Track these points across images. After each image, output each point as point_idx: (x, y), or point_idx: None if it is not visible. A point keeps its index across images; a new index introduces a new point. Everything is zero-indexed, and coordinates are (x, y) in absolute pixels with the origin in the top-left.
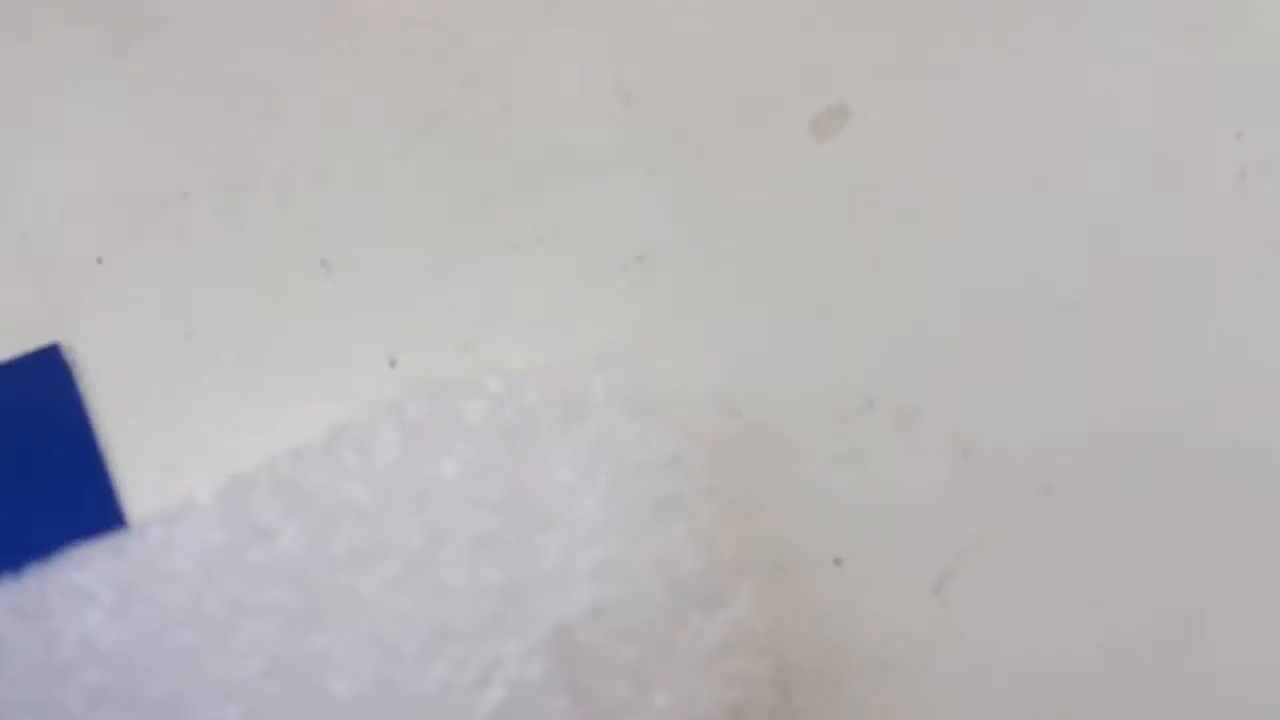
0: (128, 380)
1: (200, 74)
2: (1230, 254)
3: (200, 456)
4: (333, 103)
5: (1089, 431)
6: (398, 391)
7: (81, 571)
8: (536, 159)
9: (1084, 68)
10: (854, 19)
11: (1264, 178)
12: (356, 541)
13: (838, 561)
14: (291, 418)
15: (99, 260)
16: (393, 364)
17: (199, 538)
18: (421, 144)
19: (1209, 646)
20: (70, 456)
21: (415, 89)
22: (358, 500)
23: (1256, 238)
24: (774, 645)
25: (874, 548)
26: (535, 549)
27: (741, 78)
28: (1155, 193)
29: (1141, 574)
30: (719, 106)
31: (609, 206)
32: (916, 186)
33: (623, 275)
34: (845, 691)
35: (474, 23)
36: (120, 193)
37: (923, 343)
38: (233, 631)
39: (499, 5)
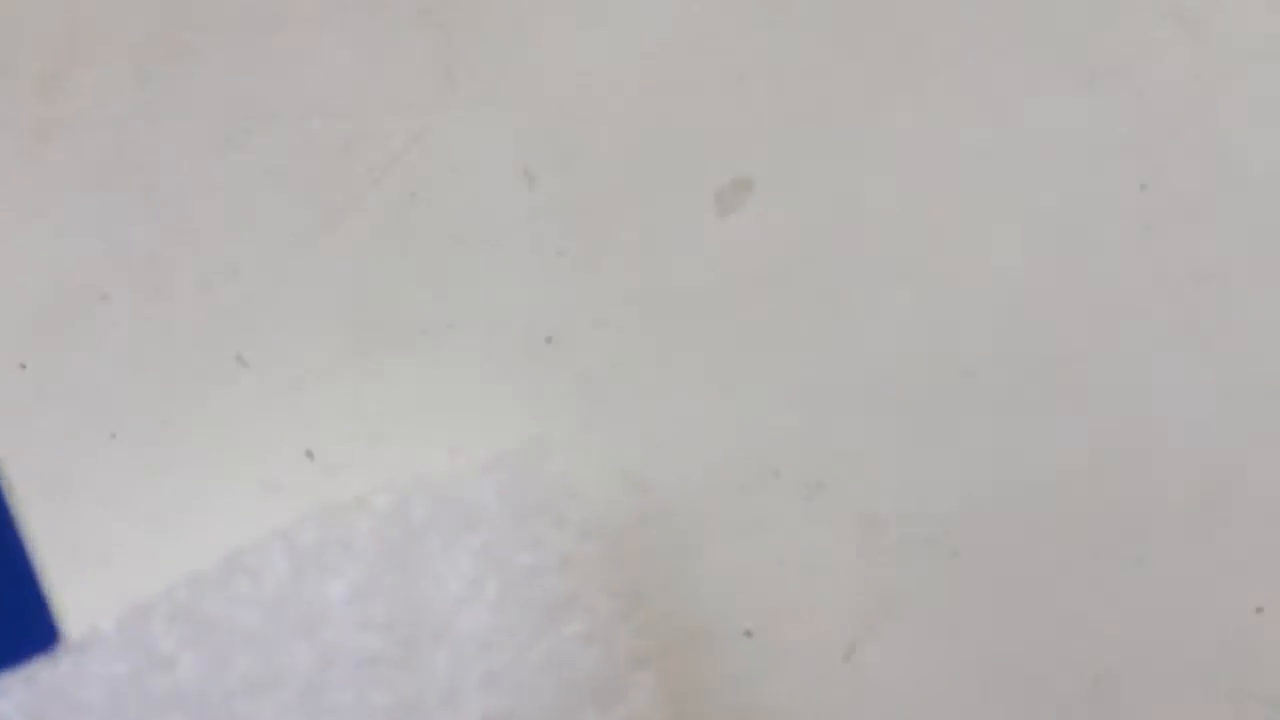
0: (54, 484)
1: (113, 176)
2: (1134, 309)
3: (130, 559)
4: (243, 198)
5: (994, 495)
6: (317, 482)
7: None
8: (444, 244)
9: (985, 130)
10: (754, 93)
11: (1168, 230)
12: (250, 668)
13: (748, 633)
14: (219, 513)
15: (22, 366)
16: (310, 455)
17: (103, 668)
18: (331, 235)
19: (1115, 706)
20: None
21: (322, 181)
22: (251, 626)
23: (1160, 291)
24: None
25: (784, 617)
26: (424, 665)
27: (643, 154)
28: (1060, 250)
29: (1049, 634)
30: (622, 184)
31: (517, 289)
32: (819, 258)
33: (532, 357)
34: None
35: (376, 112)
36: (40, 297)
37: (826, 414)
38: None
39: (401, 94)
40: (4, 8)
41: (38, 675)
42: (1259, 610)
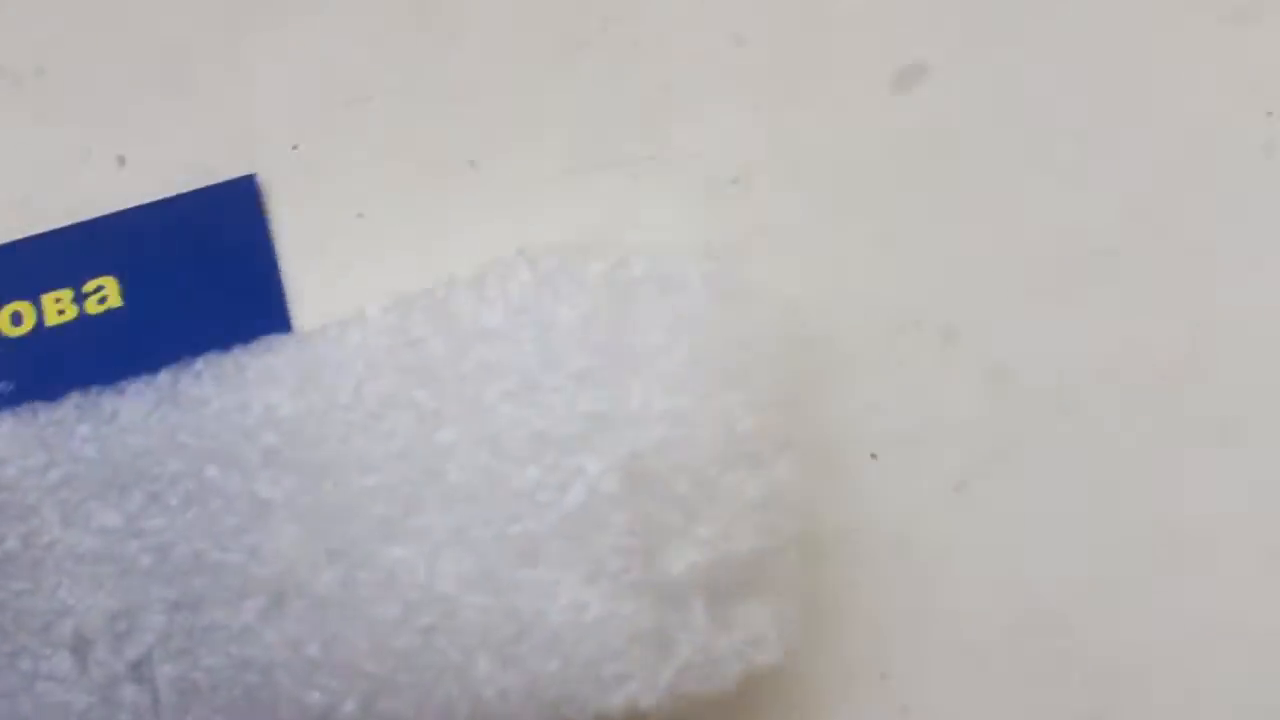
0: (310, 250)
1: None
2: (1252, 219)
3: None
4: (496, 26)
5: (1109, 366)
6: None
7: (273, 355)
8: (656, 89)
9: (1139, 43)
10: None
11: None
12: (485, 356)
13: (874, 455)
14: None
15: (295, 147)
16: (520, 253)
17: (366, 340)
18: (563, 67)
19: (1197, 563)
20: (254, 274)
21: (566, 20)
22: (492, 326)
23: (1276, 202)
24: (806, 515)
25: (907, 447)
26: (623, 389)
27: (838, 30)
28: (1187, 161)
29: (1141, 495)
30: (817, 54)
31: (714, 134)
32: (978, 139)
33: (720, 193)
34: (865, 564)
35: None
36: (316, 93)
37: (969, 274)
38: (381, 418)
39: None
40: None
41: (310, 338)
42: None
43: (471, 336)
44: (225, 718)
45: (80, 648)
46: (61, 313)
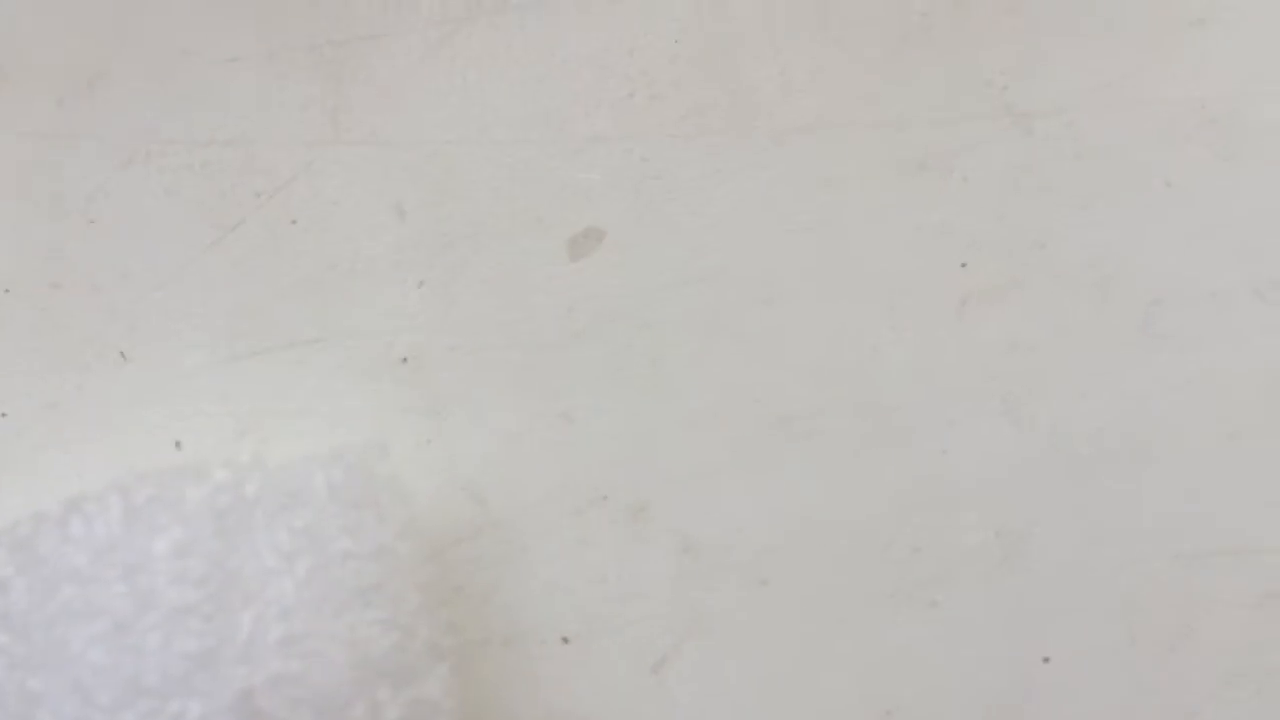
0: None
1: (26, 184)
2: (946, 372)
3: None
4: (139, 212)
5: (803, 532)
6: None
7: None
8: (318, 267)
9: (820, 203)
10: (611, 152)
11: (982, 305)
12: (72, 600)
13: (565, 640)
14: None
15: None
16: (178, 445)
17: None
18: (215, 251)
19: None
20: None
21: (211, 202)
22: (78, 566)
23: (971, 358)
24: (494, 715)
25: (601, 628)
26: (229, 622)
27: (506, 200)
28: (882, 315)
29: (845, 666)
30: (484, 224)
31: (380, 312)
32: (658, 305)
33: (388, 374)
34: None
35: (267, 146)
36: None
37: (655, 446)
38: None
39: (290, 131)
40: None
41: None
42: (1046, 660)
43: (58, 577)
44: None
45: None
46: None
